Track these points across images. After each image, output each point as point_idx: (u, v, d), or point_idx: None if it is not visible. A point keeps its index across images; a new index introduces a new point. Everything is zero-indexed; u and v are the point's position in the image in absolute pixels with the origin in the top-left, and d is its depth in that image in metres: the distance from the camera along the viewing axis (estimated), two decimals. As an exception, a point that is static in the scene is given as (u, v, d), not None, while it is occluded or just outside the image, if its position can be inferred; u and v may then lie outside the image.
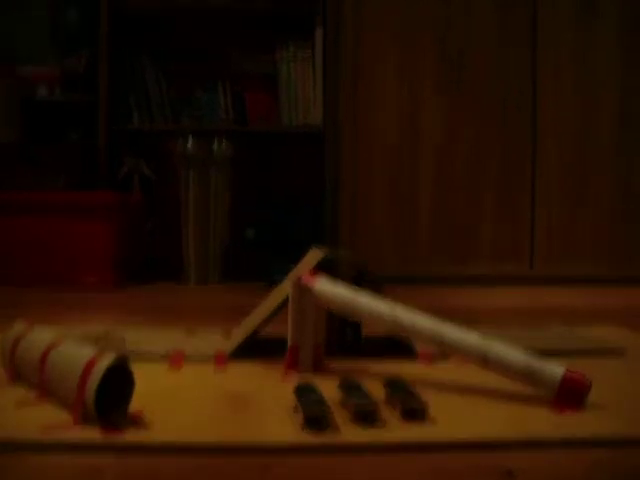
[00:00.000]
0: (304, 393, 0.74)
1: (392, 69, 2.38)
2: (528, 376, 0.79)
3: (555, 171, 2.37)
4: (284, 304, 1.00)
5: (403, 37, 2.38)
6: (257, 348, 1.04)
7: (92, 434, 0.64)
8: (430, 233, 2.39)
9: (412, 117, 2.39)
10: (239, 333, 1.09)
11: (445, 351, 0.86)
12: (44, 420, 0.67)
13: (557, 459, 0.62)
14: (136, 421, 0.69)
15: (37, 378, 0.77)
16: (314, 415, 0.68)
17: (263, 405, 0.73)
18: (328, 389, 0.75)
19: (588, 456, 0.62)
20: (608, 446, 0.64)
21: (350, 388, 0.76)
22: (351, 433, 0.67)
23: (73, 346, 0.75)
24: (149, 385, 0.70)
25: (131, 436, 0.64)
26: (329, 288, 0.92)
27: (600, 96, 2.35)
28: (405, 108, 2.38)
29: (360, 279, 1.05)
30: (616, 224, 2.36)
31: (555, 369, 0.78)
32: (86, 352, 0.70)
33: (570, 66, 2.36)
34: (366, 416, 0.70)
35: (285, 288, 1.00)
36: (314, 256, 1.06)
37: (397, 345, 1.03)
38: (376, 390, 0.77)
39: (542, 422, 0.71)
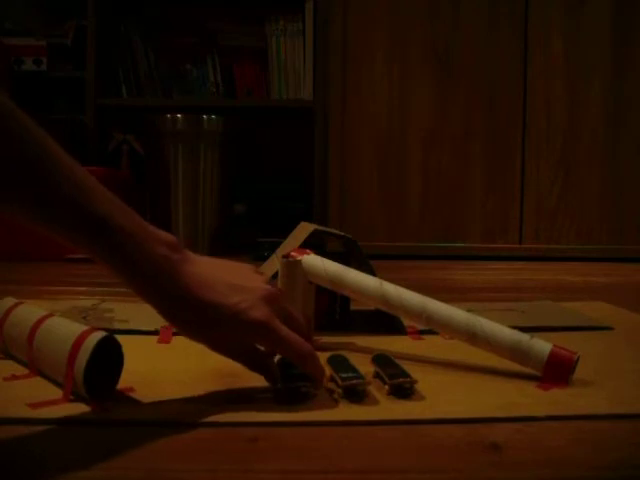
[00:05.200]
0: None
1: (382, 45, 2.37)
2: (516, 352, 0.79)
3: (544, 150, 2.37)
4: (273, 279, 1.00)
5: (393, 12, 2.36)
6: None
7: (82, 410, 0.64)
8: (420, 209, 2.39)
9: (401, 92, 2.37)
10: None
11: (433, 327, 0.86)
12: (33, 396, 0.67)
13: (542, 431, 0.62)
14: (125, 397, 0.69)
15: (26, 354, 0.76)
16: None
17: (253, 379, 0.73)
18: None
19: (573, 428, 0.63)
20: (592, 419, 0.65)
21: (339, 364, 0.76)
22: (339, 409, 0.67)
23: (62, 322, 0.75)
24: (137, 361, 0.70)
25: (120, 412, 0.65)
26: (318, 263, 0.92)
27: (591, 78, 2.35)
28: (395, 83, 2.37)
29: (349, 255, 1.05)
30: (605, 202, 2.37)
31: (543, 345, 0.78)
32: (75, 328, 0.70)
33: (561, 48, 2.35)
34: (355, 392, 0.70)
35: (274, 263, 0.99)
36: (303, 231, 1.06)
37: (386, 320, 1.03)
38: (364, 366, 0.77)
39: (528, 398, 0.71)
